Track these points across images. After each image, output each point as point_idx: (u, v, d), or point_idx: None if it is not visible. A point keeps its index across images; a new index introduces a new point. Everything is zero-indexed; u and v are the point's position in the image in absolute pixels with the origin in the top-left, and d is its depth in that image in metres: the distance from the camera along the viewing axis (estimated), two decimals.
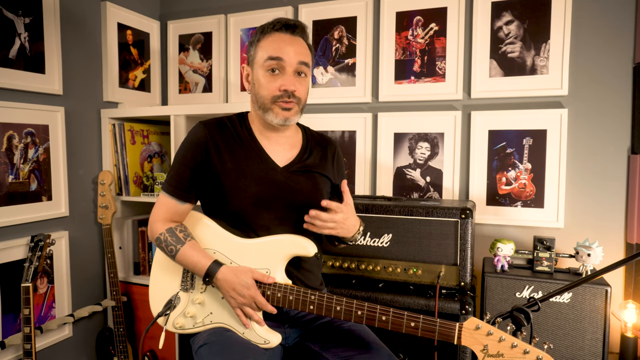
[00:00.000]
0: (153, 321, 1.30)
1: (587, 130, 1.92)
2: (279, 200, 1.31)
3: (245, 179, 1.29)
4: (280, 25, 1.28)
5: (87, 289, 2.25)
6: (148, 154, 2.40)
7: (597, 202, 1.92)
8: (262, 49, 1.27)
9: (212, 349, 1.24)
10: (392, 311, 1.14)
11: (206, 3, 2.55)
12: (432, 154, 2.13)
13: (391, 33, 2.17)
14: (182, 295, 1.34)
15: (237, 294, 1.23)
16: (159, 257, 1.41)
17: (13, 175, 1.87)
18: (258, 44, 1.29)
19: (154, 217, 1.34)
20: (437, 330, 1.09)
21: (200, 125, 1.32)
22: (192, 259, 1.27)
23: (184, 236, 1.30)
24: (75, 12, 2.13)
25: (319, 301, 1.21)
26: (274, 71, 1.26)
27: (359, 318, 1.17)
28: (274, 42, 1.27)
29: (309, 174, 1.37)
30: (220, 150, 1.29)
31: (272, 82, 1.26)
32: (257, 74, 1.29)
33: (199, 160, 1.29)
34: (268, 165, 1.32)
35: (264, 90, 1.27)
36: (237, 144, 1.32)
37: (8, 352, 1.84)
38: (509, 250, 1.77)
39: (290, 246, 1.28)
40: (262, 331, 1.26)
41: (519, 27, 1.97)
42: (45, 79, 1.97)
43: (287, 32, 1.28)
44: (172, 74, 2.64)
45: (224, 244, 1.32)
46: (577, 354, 1.62)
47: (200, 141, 1.29)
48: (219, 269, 1.24)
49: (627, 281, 1.85)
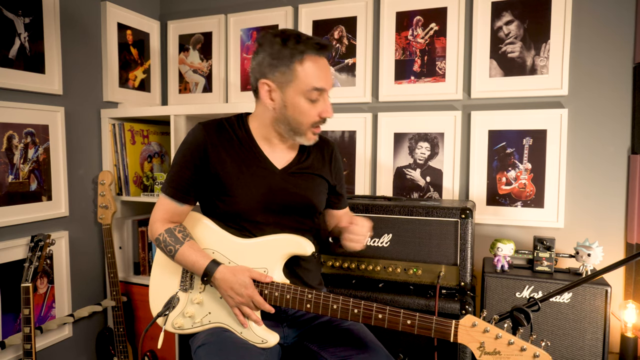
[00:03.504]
0: (152, 321, 1.31)
1: (587, 130, 1.92)
2: (276, 202, 1.31)
3: (244, 181, 1.29)
4: (320, 47, 1.22)
5: (87, 289, 2.25)
6: (148, 154, 2.40)
7: (597, 202, 1.92)
8: (306, 76, 1.21)
9: (210, 350, 1.25)
10: (389, 309, 1.14)
11: (206, 3, 2.55)
12: (432, 154, 2.13)
13: (391, 33, 2.17)
14: (182, 295, 1.34)
15: (234, 293, 1.23)
16: (159, 257, 1.42)
17: (13, 175, 1.87)
18: (295, 66, 1.21)
19: (153, 218, 1.35)
20: (434, 328, 1.10)
21: (199, 126, 1.31)
22: (190, 259, 1.27)
23: (183, 236, 1.30)
24: (75, 12, 2.13)
25: (315, 300, 1.21)
26: (315, 100, 1.24)
27: (355, 316, 1.17)
28: (318, 69, 1.22)
29: (307, 176, 1.37)
30: (219, 151, 1.29)
31: (312, 109, 1.25)
32: (294, 99, 1.23)
33: (197, 162, 1.29)
34: (267, 168, 1.32)
35: (303, 117, 1.25)
36: (236, 145, 1.31)
37: (8, 352, 1.84)
38: (509, 250, 1.77)
39: (288, 245, 1.28)
40: (260, 331, 1.27)
41: (519, 27, 1.97)
42: (45, 79, 1.97)
43: (324, 55, 1.25)
44: (172, 74, 2.64)
45: (222, 243, 1.32)
46: (577, 354, 1.62)
47: (199, 143, 1.29)
48: (217, 268, 1.25)
49: (627, 281, 1.85)
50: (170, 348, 2.20)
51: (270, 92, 1.26)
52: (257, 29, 2.43)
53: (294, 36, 1.22)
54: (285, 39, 1.22)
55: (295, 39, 1.22)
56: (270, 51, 1.23)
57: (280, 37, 1.22)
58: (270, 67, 1.23)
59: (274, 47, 1.22)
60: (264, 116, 1.31)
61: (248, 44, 2.45)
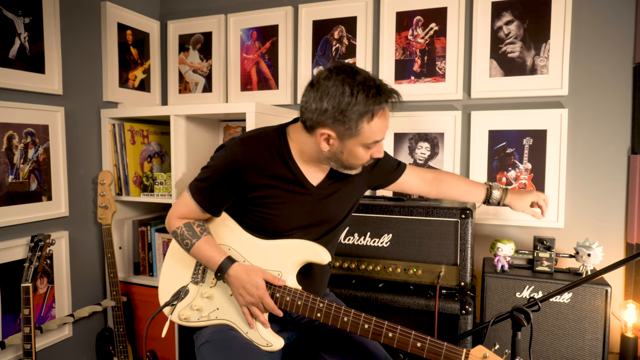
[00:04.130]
0: (160, 309, 1.30)
1: (587, 130, 1.92)
2: (308, 218, 1.32)
3: (279, 199, 1.28)
4: (388, 99, 1.17)
5: (87, 289, 2.25)
6: (148, 154, 2.40)
7: (597, 202, 1.92)
8: (371, 133, 1.17)
9: (215, 347, 1.25)
10: (400, 329, 1.14)
11: (206, 3, 2.55)
12: (432, 154, 2.13)
13: (391, 33, 2.17)
14: (192, 288, 1.34)
15: (246, 292, 1.23)
16: (173, 248, 1.42)
17: (13, 175, 1.87)
18: (362, 125, 1.15)
19: (173, 213, 1.34)
20: (444, 354, 1.08)
21: (239, 144, 1.26)
22: (206, 253, 1.27)
23: (201, 231, 1.30)
24: (75, 12, 2.13)
25: (326, 310, 1.21)
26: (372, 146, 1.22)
27: (365, 332, 1.17)
28: (383, 123, 1.18)
29: (338, 191, 1.36)
30: (257, 173, 1.25)
31: (367, 154, 1.23)
32: (353, 148, 1.20)
33: (233, 183, 1.25)
34: (303, 185, 1.30)
35: (357, 161, 1.24)
36: (275, 165, 1.26)
37: (8, 352, 1.84)
38: (509, 250, 1.77)
39: (305, 252, 1.28)
40: (266, 333, 1.26)
41: (519, 27, 1.97)
42: (45, 79, 1.97)
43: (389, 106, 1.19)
44: (172, 74, 2.64)
45: (240, 242, 1.32)
46: (577, 354, 1.62)
47: (237, 163, 1.24)
48: (232, 266, 1.25)
49: (627, 281, 1.85)
50: (170, 348, 2.20)
51: (328, 139, 1.20)
52: (257, 28, 2.43)
53: (363, 87, 1.12)
54: (355, 91, 1.12)
55: (366, 91, 1.12)
56: (337, 103, 1.13)
57: (349, 87, 1.12)
58: (333, 120, 1.15)
59: (342, 99, 1.12)
60: (310, 149, 1.25)
61: (248, 44, 2.45)
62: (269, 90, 2.42)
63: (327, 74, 1.16)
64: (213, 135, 2.48)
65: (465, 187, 1.58)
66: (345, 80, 1.13)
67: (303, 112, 1.21)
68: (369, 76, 1.17)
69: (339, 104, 1.12)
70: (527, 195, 1.54)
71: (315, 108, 1.16)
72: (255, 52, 2.44)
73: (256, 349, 1.25)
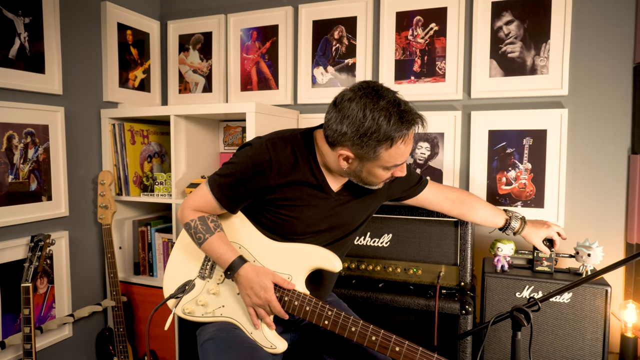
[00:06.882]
0: (164, 301, 1.29)
1: (587, 130, 1.92)
2: (325, 222, 1.32)
3: (300, 202, 1.28)
4: (411, 125, 1.15)
5: (87, 289, 2.25)
6: (148, 154, 2.40)
7: (597, 202, 1.92)
8: (390, 158, 1.16)
9: (219, 345, 1.25)
10: (407, 344, 1.14)
11: (206, 3, 2.55)
12: (432, 154, 2.13)
13: (391, 33, 2.17)
14: (198, 282, 1.34)
15: (253, 293, 1.23)
16: (182, 240, 1.41)
17: (13, 175, 1.87)
18: (381, 151, 1.14)
19: (189, 204, 1.32)
20: None
21: (265, 145, 1.25)
22: (218, 250, 1.27)
23: (215, 226, 1.30)
24: (75, 12, 2.13)
25: (334, 318, 1.20)
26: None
27: (372, 343, 1.17)
28: (403, 149, 1.17)
29: (358, 198, 1.37)
30: (282, 176, 1.25)
31: (387, 174, 1.23)
32: (372, 169, 1.20)
33: (256, 184, 1.25)
34: (324, 190, 1.30)
35: (376, 180, 1.25)
36: (299, 167, 1.27)
37: (8, 352, 1.84)
38: (509, 250, 1.77)
39: (317, 258, 1.28)
40: (271, 335, 1.26)
41: (519, 27, 1.97)
42: (45, 79, 1.97)
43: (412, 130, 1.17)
44: (172, 74, 2.64)
45: (251, 241, 1.32)
46: (577, 354, 1.62)
47: (263, 164, 1.23)
48: (243, 265, 1.25)
49: (627, 281, 1.85)
50: (170, 348, 2.20)
51: (347, 159, 1.20)
52: (257, 28, 2.43)
53: (385, 114, 1.10)
54: (376, 117, 1.10)
55: (387, 117, 1.10)
56: (356, 128, 1.12)
57: (370, 112, 1.10)
58: (352, 143, 1.15)
59: (362, 125, 1.11)
60: (332, 161, 1.25)
61: (248, 44, 2.45)
62: (269, 90, 2.42)
63: (351, 95, 1.14)
64: (213, 135, 2.48)
65: (487, 214, 1.60)
66: (368, 105, 1.11)
67: (325, 128, 1.21)
68: (394, 100, 1.14)
69: (358, 129, 1.11)
70: (543, 230, 1.59)
71: (336, 129, 1.16)
72: (255, 52, 2.44)
73: (260, 350, 1.25)
